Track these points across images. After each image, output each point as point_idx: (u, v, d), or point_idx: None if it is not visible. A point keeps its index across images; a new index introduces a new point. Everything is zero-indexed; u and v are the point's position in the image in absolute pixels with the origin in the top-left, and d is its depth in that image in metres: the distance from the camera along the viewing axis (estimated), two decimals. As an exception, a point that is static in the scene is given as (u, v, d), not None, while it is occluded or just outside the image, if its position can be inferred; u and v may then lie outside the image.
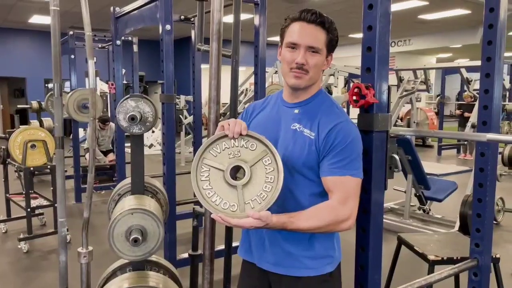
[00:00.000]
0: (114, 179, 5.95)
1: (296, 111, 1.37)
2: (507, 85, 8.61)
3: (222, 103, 2.83)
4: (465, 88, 9.27)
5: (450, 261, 2.30)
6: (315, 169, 1.30)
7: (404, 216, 4.61)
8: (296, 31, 1.30)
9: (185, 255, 3.13)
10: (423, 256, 2.40)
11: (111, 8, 3.98)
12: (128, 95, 2.02)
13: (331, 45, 1.34)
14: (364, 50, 1.46)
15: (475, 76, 7.61)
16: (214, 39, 1.69)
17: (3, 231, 4.35)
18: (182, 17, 4.04)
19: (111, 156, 6.63)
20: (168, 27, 3.00)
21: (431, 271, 2.28)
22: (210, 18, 1.71)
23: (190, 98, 6.45)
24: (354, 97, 1.45)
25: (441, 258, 2.33)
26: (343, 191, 1.26)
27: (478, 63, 5.20)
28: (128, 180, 2.18)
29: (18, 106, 8.87)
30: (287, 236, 1.33)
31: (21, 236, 3.89)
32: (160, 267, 2.11)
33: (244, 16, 1.87)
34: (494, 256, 2.16)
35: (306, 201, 1.31)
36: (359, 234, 1.51)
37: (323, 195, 1.31)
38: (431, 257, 2.33)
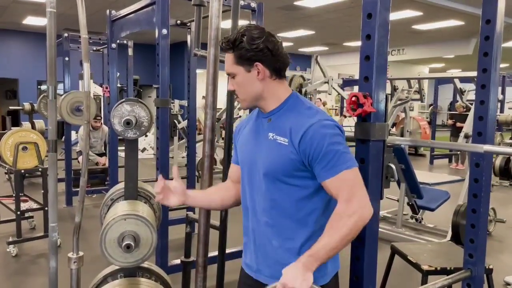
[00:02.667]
0: (106, 183, 5.90)
1: (269, 120, 1.37)
2: (500, 97, 8.70)
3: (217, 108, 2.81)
4: (458, 98, 9.35)
5: (443, 271, 2.30)
6: (295, 175, 1.30)
7: (396, 225, 4.61)
8: None
9: (177, 262, 3.09)
10: (416, 266, 2.39)
11: (107, 11, 3.95)
12: (124, 99, 2.00)
13: (245, 58, 1.30)
14: (362, 59, 1.45)
15: (468, 86, 7.66)
16: (212, 45, 1.69)
17: (-8, 234, 4.28)
18: (179, 21, 4.02)
19: (104, 160, 6.57)
20: (164, 31, 2.99)
21: (424, 281, 2.27)
22: (208, 24, 1.71)
23: (184, 102, 6.43)
24: (352, 106, 1.44)
25: (435, 268, 2.32)
26: (345, 188, 1.25)
27: (472, 73, 5.23)
28: (121, 185, 2.15)
29: (10, 107, 8.80)
30: (278, 249, 1.34)
31: (10, 239, 3.83)
32: (152, 273, 2.08)
33: (239, 23, 1.87)
34: (487, 267, 2.16)
35: (293, 207, 1.32)
36: (353, 244, 1.49)
37: (309, 198, 1.32)
38: (425, 267, 2.33)
